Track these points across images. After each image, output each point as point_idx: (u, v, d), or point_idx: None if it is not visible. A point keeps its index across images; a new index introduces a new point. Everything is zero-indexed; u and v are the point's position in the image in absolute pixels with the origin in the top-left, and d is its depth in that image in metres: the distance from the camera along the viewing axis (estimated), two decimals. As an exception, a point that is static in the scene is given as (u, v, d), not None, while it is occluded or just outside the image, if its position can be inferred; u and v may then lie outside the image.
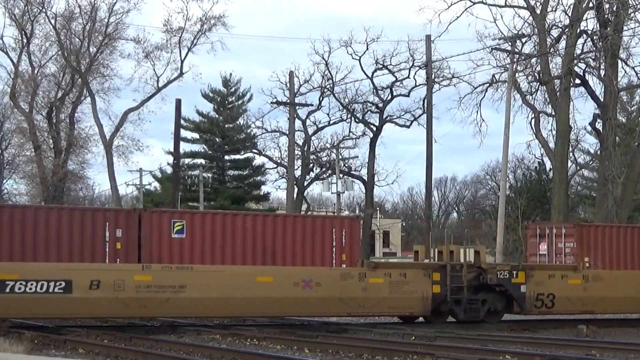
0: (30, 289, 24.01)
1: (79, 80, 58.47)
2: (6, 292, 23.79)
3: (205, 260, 26.18)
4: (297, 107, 55.34)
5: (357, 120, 60.42)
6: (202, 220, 26.46)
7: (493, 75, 49.45)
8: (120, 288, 24.81)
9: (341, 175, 61.38)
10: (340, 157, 61.70)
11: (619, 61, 46.27)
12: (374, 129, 60.23)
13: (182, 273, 25.58)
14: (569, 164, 54.29)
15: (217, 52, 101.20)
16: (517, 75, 47.19)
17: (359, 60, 57.78)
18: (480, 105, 50.25)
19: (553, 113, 47.50)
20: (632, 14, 45.56)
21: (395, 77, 58.25)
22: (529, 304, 29.69)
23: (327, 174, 63.35)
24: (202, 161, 74.98)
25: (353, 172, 63.10)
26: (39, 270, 24.24)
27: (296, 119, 55.07)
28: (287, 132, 54.23)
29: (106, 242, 25.21)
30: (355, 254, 27.98)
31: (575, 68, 46.97)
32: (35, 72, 58.71)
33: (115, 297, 24.79)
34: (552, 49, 46.82)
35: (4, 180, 61.60)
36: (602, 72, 46.20)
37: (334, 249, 27.70)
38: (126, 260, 25.41)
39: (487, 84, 49.87)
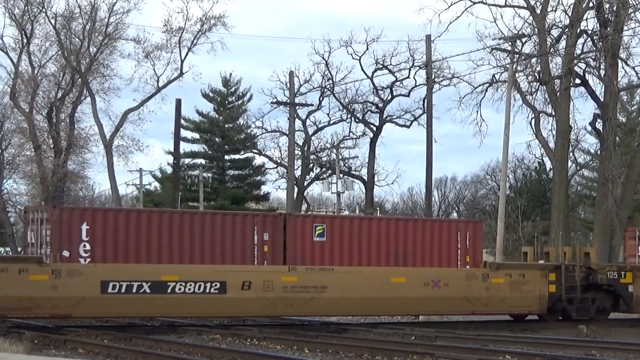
0: (189, 289, 25.45)
1: (79, 80, 58.40)
2: (168, 293, 25.24)
3: (343, 262, 27.79)
4: (297, 107, 55.37)
5: (357, 120, 60.49)
6: (340, 224, 28.28)
7: (493, 75, 49.48)
8: (269, 288, 26.23)
9: (341, 175, 61.41)
10: (340, 157, 61.74)
11: (619, 61, 46.24)
12: (374, 129, 60.29)
13: (324, 274, 26.96)
14: (569, 164, 54.30)
15: (217, 52, 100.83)
16: (517, 75, 47.15)
17: (359, 60, 57.90)
18: (480, 105, 50.28)
19: (553, 113, 47.49)
20: (632, 14, 45.54)
21: (395, 77, 58.37)
22: (635, 303, 30.88)
23: (327, 174, 63.41)
24: (202, 161, 74.96)
25: (353, 172, 63.16)
26: (197, 272, 25.75)
27: (296, 119, 55.11)
28: (287, 132, 54.25)
29: (255, 245, 26.98)
30: (478, 256, 29.54)
31: (575, 68, 46.94)
32: (35, 72, 58.63)
33: (265, 297, 26.21)
34: (552, 49, 46.81)
35: (4, 180, 61.53)
36: (602, 72, 46.17)
37: (459, 251, 29.25)
38: (272, 262, 27.16)
39: (487, 84, 49.88)
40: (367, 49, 57.57)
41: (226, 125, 73.04)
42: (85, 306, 24.59)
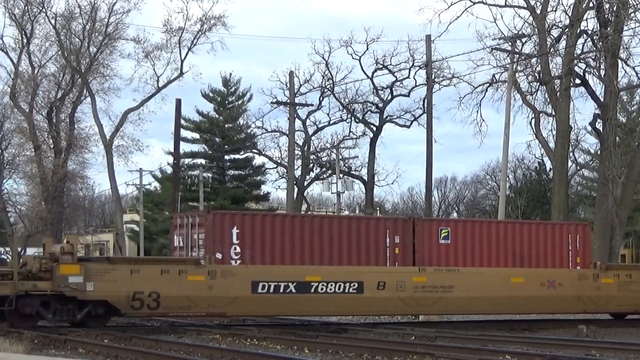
0: (330, 289, 26.95)
1: (79, 80, 58.44)
2: (311, 292, 26.81)
3: (466, 263, 29.88)
4: (297, 107, 55.36)
5: (357, 120, 60.49)
6: (463, 228, 30.55)
7: (493, 75, 49.48)
8: (402, 288, 27.66)
9: (341, 175, 61.39)
10: (340, 157, 61.72)
11: (619, 61, 46.23)
12: (374, 129, 60.30)
13: (450, 275, 28.47)
14: (569, 164, 54.32)
15: (217, 52, 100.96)
16: (517, 75, 47.18)
17: (359, 60, 57.91)
18: (480, 105, 50.28)
19: (553, 113, 47.49)
20: (632, 14, 45.54)
21: (395, 77, 58.37)
22: None
23: (327, 174, 63.39)
24: (202, 161, 74.95)
25: (353, 172, 63.15)
26: (337, 273, 27.47)
27: (296, 119, 55.11)
28: (287, 132, 54.24)
29: (387, 248, 29.14)
30: (588, 257, 31.45)
31: (575, 68, 46.94)
32: (35, 72, 58.69)
33: (398, 297, 27.68)
34: (552, 49, 46.81)
35: (4, 180, 61.58)
36: (602, 72, 46.17)
37: (570, 253, 31.28)
38: (403, 263, 29.27)
39: (487, 84, 49.88)
40: (367, 49, 57.63)
41: (226, 125, 73.02)
42: (237, 305, 26.31)
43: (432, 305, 28.27)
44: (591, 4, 45.80)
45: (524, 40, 47.20)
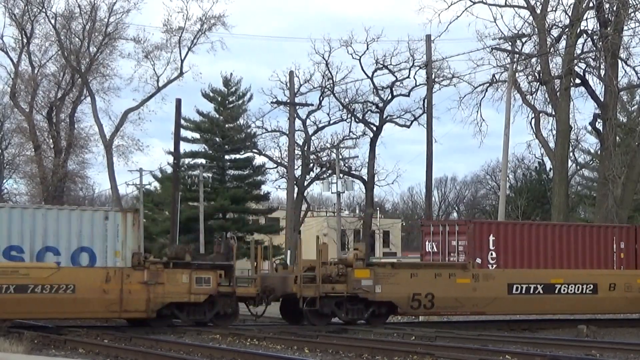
0: (570, 290, 30.36)
1: (79, 80, 58.46)
2: (555, 293, 30.24)
3: None
4: (297, 107, 55.26)
5: (357, 120, 60.37)
6: None
7: (493, 75, 49.45)
8: (629, 289, 31.24)
9: (341, 175, 61.32)
10: (340, 157, 61.64)
11: (619, 61, 46.24)
12: (374, 128, 60.17)
13: None
14: (569, 164, 54.28)
15: (217, 52, 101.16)
16: (517, 75, 47.16)
17: (359, 60, 57.73)
18: (480, 105, 50.22)
19: (553, 113, 47.48)
20: (632, 14, 45.54)
21: (396, 77, 58.19)
22: None
23: (327, 174, 63.28)
24: (202, 161, 74.86)
25: (353, 172, 63.02)
26: (576, 275, 30.73)
27: (296, 119, 55.00)
28: (287, 132, 54.19)
29: (614, 253, 32.18)
30: None
31: (576, 68, 46.94)
32: (35, 72, 58.73)
33: (625, 297, 31.23)
34: (552, 49, 46.80)
35: (4, 180, 61.64)
36: (602, 72, 46.17)
37: None
38: (627, 266, 32.25)
39: (487, 84, 49.83)
40: (367, 48, 57.46)
41: (226, 125, 72.94)
42: (495, 305, 29.63)
43: None
44: (591, 4, 45.80)
45: (524, 40, 47.20)
